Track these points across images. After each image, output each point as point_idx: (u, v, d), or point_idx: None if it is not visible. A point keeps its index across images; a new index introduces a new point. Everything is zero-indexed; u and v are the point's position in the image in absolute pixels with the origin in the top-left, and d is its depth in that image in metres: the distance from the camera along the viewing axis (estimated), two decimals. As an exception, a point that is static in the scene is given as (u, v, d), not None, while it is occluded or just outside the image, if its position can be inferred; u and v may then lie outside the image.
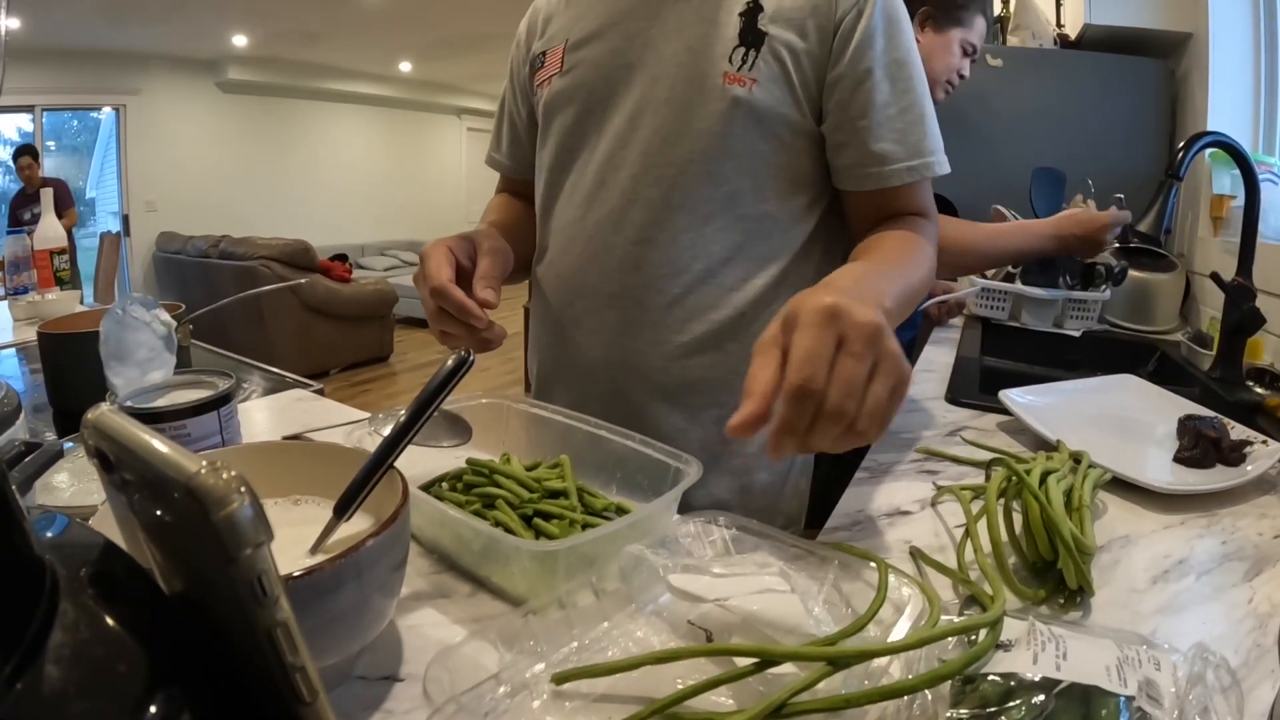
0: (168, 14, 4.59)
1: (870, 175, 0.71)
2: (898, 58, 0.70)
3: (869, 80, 0.69)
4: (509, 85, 0.90)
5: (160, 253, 5.44)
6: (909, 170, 0.71)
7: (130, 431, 0.24)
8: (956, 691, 0.38)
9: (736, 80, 0.70)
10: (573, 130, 0.78)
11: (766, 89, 0.70)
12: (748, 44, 0.70)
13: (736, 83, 0.70)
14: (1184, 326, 1.53)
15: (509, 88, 0.90)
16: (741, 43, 0.70)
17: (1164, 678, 0.38)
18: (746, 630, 0.41)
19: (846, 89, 0.70)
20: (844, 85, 0.70)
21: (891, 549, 0.58)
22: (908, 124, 0.71)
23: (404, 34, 5.63)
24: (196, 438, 0.61)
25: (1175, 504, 0.66)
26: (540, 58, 0.82)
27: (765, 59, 0.70)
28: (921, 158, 0.71)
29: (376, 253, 7.55)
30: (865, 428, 0.42)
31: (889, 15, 0.70)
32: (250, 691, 0.24)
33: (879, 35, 0.70)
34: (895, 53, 0.70)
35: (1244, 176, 1.08)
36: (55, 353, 0.91)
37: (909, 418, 0.90)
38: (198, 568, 0.24)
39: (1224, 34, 1.69)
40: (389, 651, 0.45)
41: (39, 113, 5.15)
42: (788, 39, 0.70)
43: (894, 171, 0.71)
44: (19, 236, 1.58)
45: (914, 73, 0.72)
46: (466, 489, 0.59)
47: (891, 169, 0.71)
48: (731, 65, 0.70)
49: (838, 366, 0.42)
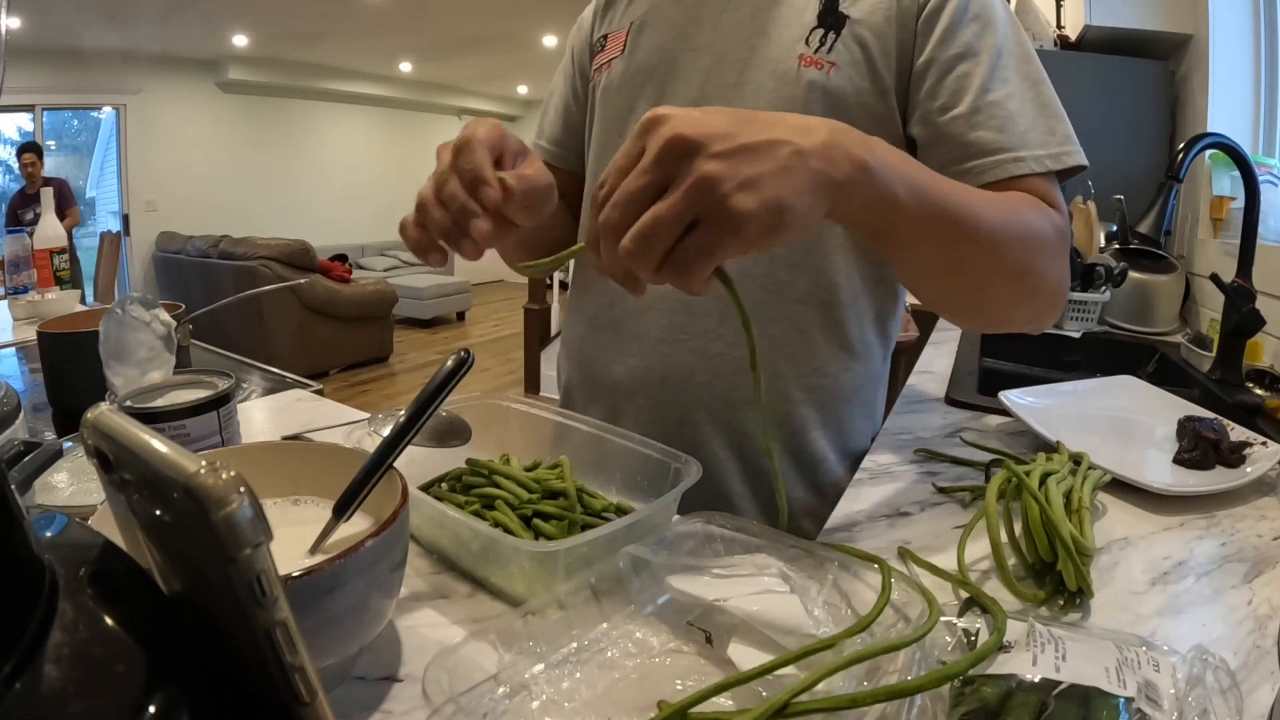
0: (168, 14, 4.59)
1: (965, 172, 0.61)
2: (994, 43, 0.62)
3: (959, 66, 0.62)
4: (565, 70, 0.86)
5: (160, 253, 5.44)
6: (1015, 161, 0.60)
7: (130, 431, 0.24)
8: (956, 693, 0.38)
9: (813, 63, 0.65)
10: (630, 116, 0.74)
11: (846, 75, 0.65)
12: (827, 26, 0.65)
13: (813, 65, 0.65)
14: (1184, 328, 1.53)
15: (565, 73, 0.86)
16: (820, 24, 0.66)
17: (1163, 679, 0.38)
18: (746, 631, 0.41)
19: (934, 77, 0.63)
20: (932, 74, 0.63)
21: (891, 550, 0.58)
22: (1010, 113, 0.61)
23: (404, 34, 5.63)
24: (196, 438, 0.61)
25: (1175, 505, 0.66)
26: (602, 40, 0.79)
27: (846, 43, 0.65)
28: (1029, 149, 0.60)
29: (376, 253, 7.55)
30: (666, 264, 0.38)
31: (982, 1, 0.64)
32: (249, 691, 0.24)
33: (968, 19, 0.63)
34: (991, 38, 0.62)
35: (1244, 178, 1.08)
36: (55, 352, 0.91)
37: (909, 419, 0.90)
38: (197, 568, 0.24)
39: (1224, 35, 1.69)
40: (388, 652, 0.45)
41: (39, 112, 5.16)
42: (873, 23, 0.64)
43: (995, 164, 0.60)
44: (19, 236, 1.58)
45: (1014, 61, 0.63)
46: (466, 489, 0.59)
47: (992, 160, 0.60)
48: (808, 48, 0.65)
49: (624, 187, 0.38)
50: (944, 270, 0.54)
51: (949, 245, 0.50)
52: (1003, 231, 0.53)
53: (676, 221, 0.37)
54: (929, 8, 0.64)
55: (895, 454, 0.78)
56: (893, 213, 0.45)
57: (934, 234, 0.48)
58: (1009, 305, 0.60)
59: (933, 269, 0.55)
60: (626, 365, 0.76)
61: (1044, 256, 0.58)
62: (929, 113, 0.64)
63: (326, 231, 6.80)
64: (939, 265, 0.53)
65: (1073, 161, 0.62)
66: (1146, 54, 1.91)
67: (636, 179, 0.38)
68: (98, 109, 5.61)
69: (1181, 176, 1.08)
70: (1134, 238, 1.60)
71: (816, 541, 0.55)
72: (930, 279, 0.57)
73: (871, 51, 0.65)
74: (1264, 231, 1.28)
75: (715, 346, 0.72)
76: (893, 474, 0.73)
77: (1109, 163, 1.84)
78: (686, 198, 0.37)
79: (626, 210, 0.38)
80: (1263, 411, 0.95)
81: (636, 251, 0.38)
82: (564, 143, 0.85)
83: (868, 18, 0.65)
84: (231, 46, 5.66)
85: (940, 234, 0.49)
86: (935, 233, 0.48)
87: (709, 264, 0.38)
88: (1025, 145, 0.61)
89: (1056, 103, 0.64)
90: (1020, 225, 0.55)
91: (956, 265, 0.53)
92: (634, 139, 0.39)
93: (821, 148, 0.40)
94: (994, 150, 0.60)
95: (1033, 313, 0.62)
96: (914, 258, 0.53)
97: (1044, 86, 0.64)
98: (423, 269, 7.34)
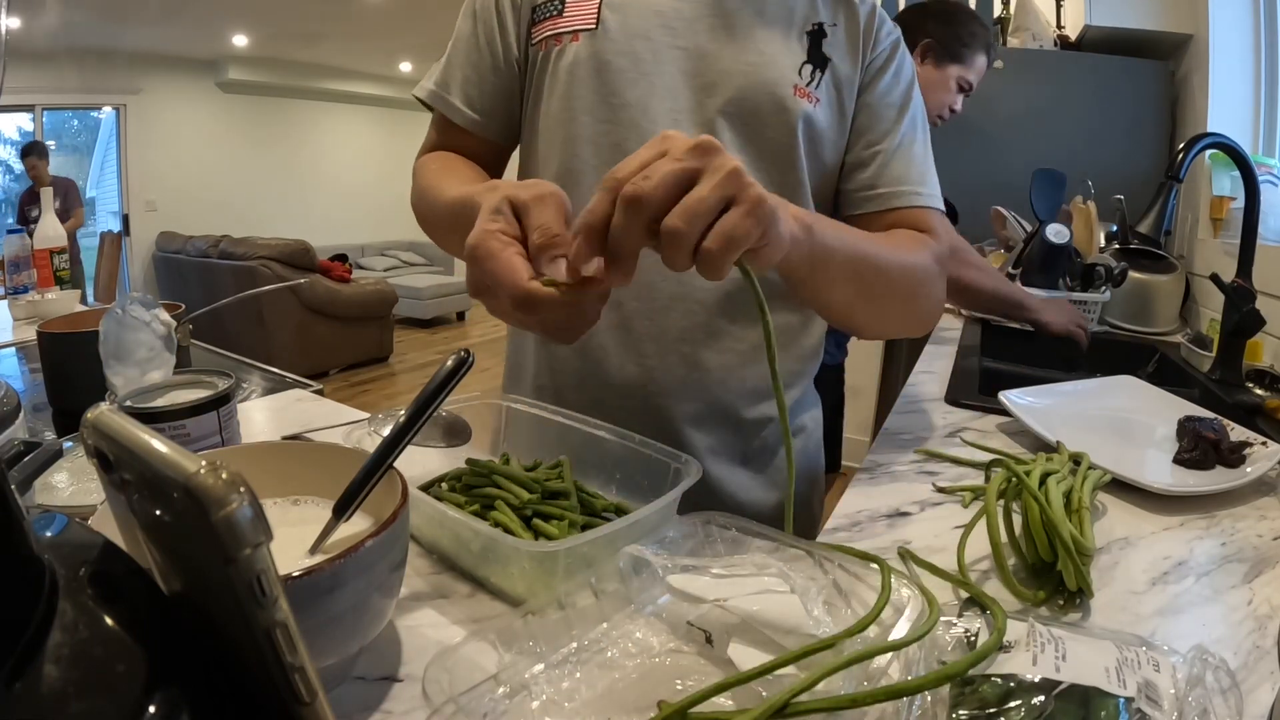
0: (168, 14, 4.59)
1: (877, 197, 0.73)
2: (911, 102, 0.76)
3: (890, 113, 0.74)
4: (482, 20, 0.75)
5: (160, 252, 5.44)
6: (914, 194, 0.73)
7: (129, 431, 0.24)
8: (956, 693, 0.38)
9: (805, 95, 0.71)
10: (611, 99, 0.70)
11: (824, 109, 0.72)
12: (815, 63, 0.72)
13: (805, 98, 0.71)
14: (1184, 328, 1.53)
15: (482, 23, 0.75)
16: (810, 60, 0.72)
17: (1163, 679, 0.38)
18: (746, 631, 0.41)
19: (867, 118, 0.74)
20: (867, 113, 0.74)
21: (891, 550, 0.58)
22: (914, 156, 0.74)
23: (404, 34, 5.63)
24: (196, 438, 0.61)
25: (1175, 505, 0.66)
26: (558, 4, 0.71)
27: (827, 81, 0.72)
28: (927, 187, 0.74)
29: (376, 253, 7.55)
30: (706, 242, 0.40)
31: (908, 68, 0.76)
32: (249, 691, 0.24)
33: (903, 76, 0.75)
34: (910, 96, 0.76)
35: (1244, 178, 1.08)
36: (55, 352, 0.91)
37: (909, 419, 0.90)
38: (197, 568, 0.24)
39: (1224, 36, 1.69)
40: (388, 652, 0.45)
41: (39, 112, 5.15)
42: (844, 68, 0.73)
43: (902, 193, 0.73)
44: (19, 235, 1.58)
45: (921, 121, 0.76)
46: (466, 489, 0.59)
47: (902, 190, 0.73)
48: (800, 79, 0.71)
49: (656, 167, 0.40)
50: (852, 301, 0.64)
51: (860, 283, 0.61)
52: (897, 269, 0.65)
53: (720, 202, 0.40)
54: (876, 63, 0.75)
55: (895, 454, 0.78)
56: (826, 261, 0.55)
57: (851, 276, 0.59)
58: (898, 321, 0.73)
59: (845, 302, 0.64)
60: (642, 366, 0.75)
61: (926, 283, 0.69)
62: (856, 144, 0.75)
63: (326, 231, 6.79)
64: (850, 298, 0.63)
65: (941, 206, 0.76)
66: (1146, 54, 1.92)
67: (671, 163, 0.40)
68: (98, 109, 5.61)
69: (1181, 176, 1.08)
70: (1134, 238, 1.60)
71: (816, 541, 0.55)
72: (841, 309, 0.67)
73: (843, 93, 0.74)
74: (1264, 231, 1.28)
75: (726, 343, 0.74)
76: (893, 474, 0.73)
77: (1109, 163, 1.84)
78: (725, 183, 0.40)
79: (659, 184, 0.39)
80: (1263, 411, 0.95)
81: (684, 229, 0.39)
82: (485, 110, 0.76)
83: (841, 63, 0.73)
84: (231, 46, 5.66)
85: (855, 275, 0.60)
86: (853, 275, 0.60)
87: (739, 247, 0.41)
88: (924, 183, 0.74)
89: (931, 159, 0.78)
90: (909, 262, 0.67)
91: (863, 297, 0.64)
92: (651, 145, 0.42)
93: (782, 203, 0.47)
94: (902, 183, 0.73)
95: (914, 325, 0.75)
96: (832, 295, 0.62)
97: (929, 147, 0.77)
98: (423, 269, 7.35)
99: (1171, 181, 1.09)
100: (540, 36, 0.73)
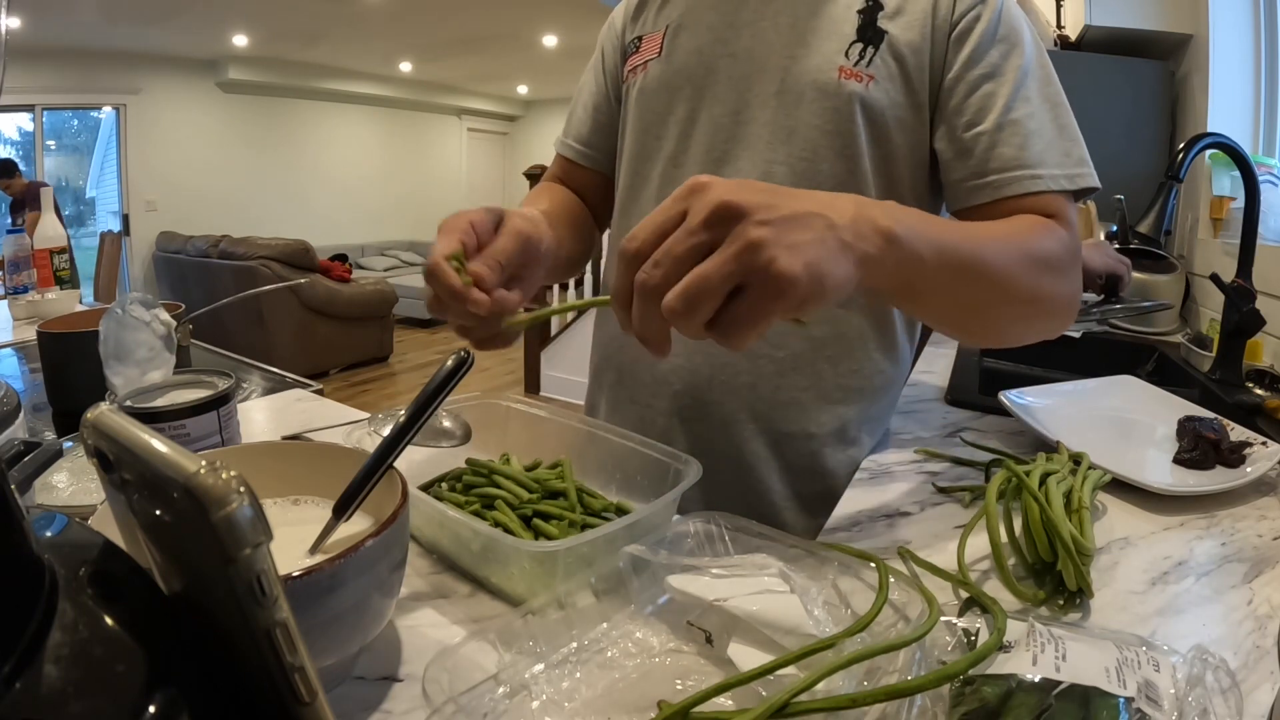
0: (168, 14, 4.59)
1: (985, 186, 0.64)
2: (1019, 64, 0.65)
3: (985, 85, 0.65)
4: (595, 69, 0.86)
5: (160, 252, 5.44)
6: (1033, 179, 0.63)
7: (129, 431, 0.24)
8: (956, 693, 0.38)
9: (853, 75, 0.67)
10: (668, 118, 0.75)
11: (883, 88, 0.67)
12: (866, 40, 0.67)
13: (853, 78, 0.67)
14: (1183, 328, 1.53)
15: (595, 71, 0.86)
16: (860, 38, 0.67)
17: (1163, 679, 0.38)
18: (746, 631, 0.41)
19: (961, 95, 0.66)
20: (959, 91, 0.66)
21: (890, 550, 0.58)
22: (1030, 132, 0.64)
23: (404, 34, 5.63)
24: (196, 437, 0.61)
25: (1175, 505, 0.66)
26: (636, 42, 0.79)
27: (884, 57, 0.67)
28: (1046, 168, 0.63)
29: (376, 253, 7.55)
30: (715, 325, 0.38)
31: (1010, 24, 0.66)
32: (249, 691, 0.24)
33: (996, 40, 0.65)
34: (1016, 59, 0.65)
35: (1244, 178, 1.08)
36: (55, 352, 0.91)
37: (909, 419, 0.90)
38: (197, 567, 0.24)
39: (1224, 35, 1.69)
40: (388, 652, 0.45)
41: (39, 112, 5.15)
42: (909, 38, 0.67)
43: (1014, 179, 0.63)
44: (19, 235, 1.58)
45: (1037, 83, 0.66)
46: (466, 489, 0.59)
47: (1012, 176, 0.63)
48: (848, 60, 0.67)
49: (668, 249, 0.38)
50: (960, 311, 0.57)
51: (965, 291, 0.53)
52: (1013, 265, 0.56)
53: (726, 281, 0.37)
54: (960, 27, 0.66)
55: (895, 454, 0.78)
56: (918, 272, 0.47)
57: (953, 284, 0.51)
58: (1021, 327, 0.63)
59: (950, 311, 0.58)
60: (671, 364, 0.76)
61: (1054, 277, 0.60)
62: (954, 128, 0.66)
63: (326, 231, 6.80)
64: (956, 308, 0.56)
65: (1086, 183, 0.65)
66: (1146, 54, 1.91)
67: (683, 240, 0.38)
68: (98, 109, 5.61)
69: (1181, 176, 1.08)
70: (1134, 237, 1.59)
71: (816, 541, 0.55)
72: (948, 320, 0.61)
73: (908, 66, 0.67)
74: (1264, 231, 1.28)
75: (759, 347, 0.73)
76: (893, 474, 0.73)
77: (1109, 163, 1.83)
78: (736, 259, 0.37)
79: (671, 271, 0.38)
80: (1263, 411, 0.95)
81: (682, 311, 0.37)
82: (593, 143, 0.86)
83: (904, 34, 0.67)
84: (231, 46, 5.66)
85: (958, 282, 0.51)
86: (954, 282, 0.51)
87: (757, 330, 0.38)
88: (1043, 164, 0.63)
89: (1074, 126, 0.66)
90: (1029, 253, 0.58)
91: (971, 305, 0.56)
92: (675, 200, 0.39)
93: (851, 222, 0.42)
94: (1014, 167, 0.63)
95: (1044, 329, 0.64)
96: (933, 306, 0.56)
97: (1063, 110, 0.66)
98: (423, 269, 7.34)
99: (1171, 181, 1.09)
100: (628, 69, 0.80)
